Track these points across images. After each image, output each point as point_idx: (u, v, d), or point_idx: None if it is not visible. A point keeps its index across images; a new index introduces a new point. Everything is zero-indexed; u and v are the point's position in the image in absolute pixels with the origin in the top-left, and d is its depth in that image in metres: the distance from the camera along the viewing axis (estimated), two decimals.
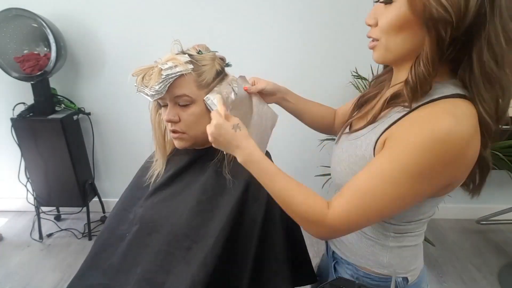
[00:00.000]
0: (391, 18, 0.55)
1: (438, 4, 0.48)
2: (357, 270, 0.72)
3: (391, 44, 0.58)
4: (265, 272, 0.81)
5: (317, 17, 1.89)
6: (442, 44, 0.51)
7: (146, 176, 0.92)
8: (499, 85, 0.53)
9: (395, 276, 0.71)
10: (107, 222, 0.92)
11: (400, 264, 0.69)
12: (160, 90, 0.74)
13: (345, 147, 0.68)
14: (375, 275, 0.70)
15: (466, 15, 0.48)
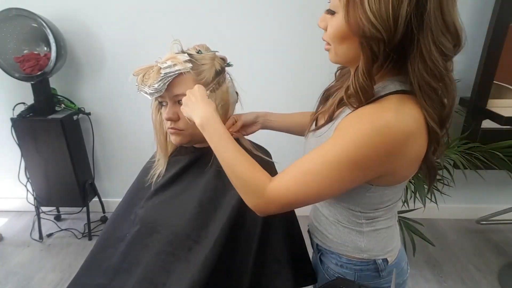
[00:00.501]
0: (334, 29, 0.59)
1: (370, 24, 0.51)
2: (340, 257, 0.77)
3: (338, 51, 0.61)
4: (266, 273, 0.81)
5: (316, 17, 1.89)
6: (376, 59, 0.55)
7: (147, 177, 0.92)
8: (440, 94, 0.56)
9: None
10: (108, 222, 0.92)
11: (377, 247, 0.74)
12: (159, 88, 0.74)
13: (313, 145, 0.70)
14: (356, 260, 0.75)
15: (396, 32, 0.52)
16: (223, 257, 0.76)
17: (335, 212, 0.75)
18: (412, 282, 1.81)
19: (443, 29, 0.52)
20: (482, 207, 2.22)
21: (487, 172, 1.89)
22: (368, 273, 0.75)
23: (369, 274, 0.75)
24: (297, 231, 0.92)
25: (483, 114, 1.88)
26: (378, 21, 0.51)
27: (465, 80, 1.91)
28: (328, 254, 0.80)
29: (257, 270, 0.79)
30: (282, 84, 2.03)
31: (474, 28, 1.83)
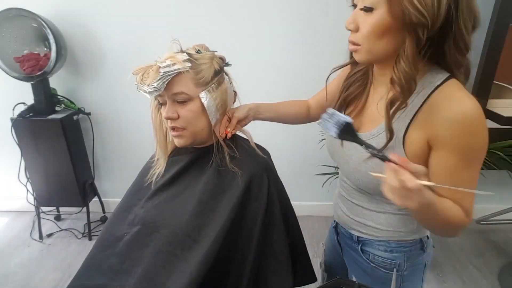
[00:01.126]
0: (373, 25, 0.62)
1: (416, 11, 0.56)
2: (389, 243, 0.81)
3: (374, 48, 0.64)
4: (265, 271, 0.81)
5: (316, 17, 1.89)
6: (419, 44, 0.59)
7: (147, 177, 0.93)
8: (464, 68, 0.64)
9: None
10: (108, 222, 0.92)
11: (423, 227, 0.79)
12: (158, 87, 0.75)
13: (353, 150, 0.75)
14: (406, 242, 0.80)
15: (439, 18, 0.57)
16: (223, 256, 0.76)
17: (385, 204, 0.78)
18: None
19: (470, 14, 0.59)
20: (482, 207, 2.22)
21: (487, 172, 1.89)
22: (415, 252, 0.81)
23: (415, 252, 0.81)
24: (297, 230, 0.92)
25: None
26: (424, 7, 0.56)
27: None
28: (374, 243, 0.83)
29: (256, 269, 0.80)
30: (281, 84, 2.03)
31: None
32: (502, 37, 1.72)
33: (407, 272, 0.81)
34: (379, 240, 0.82)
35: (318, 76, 2.11)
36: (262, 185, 0.83)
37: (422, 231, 0.80)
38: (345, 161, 0.79)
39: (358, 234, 0.86)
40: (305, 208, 2.34)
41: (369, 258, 0.85)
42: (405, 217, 0.78)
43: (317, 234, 2.18)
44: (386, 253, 0.82)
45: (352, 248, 0.90)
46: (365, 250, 0.86)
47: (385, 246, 0.82)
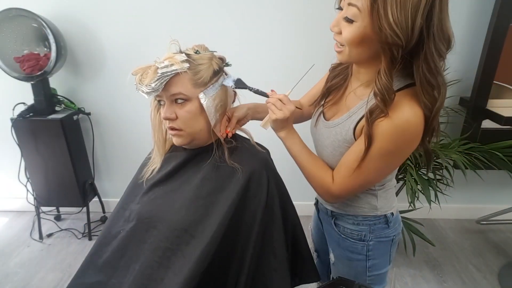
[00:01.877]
0: (352, 35, 0.68)
1: (392, 31, 0.61)
2: (357, 217, 0.92)
3: (353, 53, 0.72)
4: (264, 269, 0.81)
5: (316, 17, 1.89)
6: (395, 61, 0.66)
7: (142, 173, 0.93)
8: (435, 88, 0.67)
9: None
10: (107, 221, 0.92)
11: (386, 204, 0.91)
12: (156, 87, 0.75)
13: (326, 134, 0.86)
14: (371, 216, 0.91)
15: (412, 39, 0.63)
16: (221, 252, 0.76)
17: None
18: (412, 282, 1.82)
19: (441, 37, 0.64)
20: (482, 207, 2.22)
21: (487, 172, 1.89)
22: (379, 225, 0.92)
23: (380, 226, 0.92)
24: (299, 228, 0.92)
25: (483, 114, 1.88)
26: (399, 29, 0.61)
27: (465, 80, 1.91)
28: (344, 216, 0.95)
29: (255, 266, 0.80)
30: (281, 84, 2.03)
31: (474, 28, 1.83)
32: (502, 37, 1.72)
33: (372, 242, 0.92)
34: (348, 215, 0.93)
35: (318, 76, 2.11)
36: (261, 182, 0.83)
37: (385, 208, 0.91)
38: (316, 143, 0.93)
39: (331, 209, 0.97)
40: (305, 208, 2.34)
41: (340, 230, 0.96)
42: (368, 195, 0.89)
43: None
44: (354, 226, 0.93)
45: (327, 222, 1.00)
46: (337, 223, 0.97)
47: (353, 219, 0.93)
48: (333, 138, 0.83)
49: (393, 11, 0.60)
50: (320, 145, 0.90)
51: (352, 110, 0.80)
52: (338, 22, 0.72)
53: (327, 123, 0.86)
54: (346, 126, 0.79)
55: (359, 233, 0.92)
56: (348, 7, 0.67)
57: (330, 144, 0.84)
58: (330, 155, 0.85)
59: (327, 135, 0.85)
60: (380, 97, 0.68)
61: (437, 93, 0.67)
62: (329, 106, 0.90)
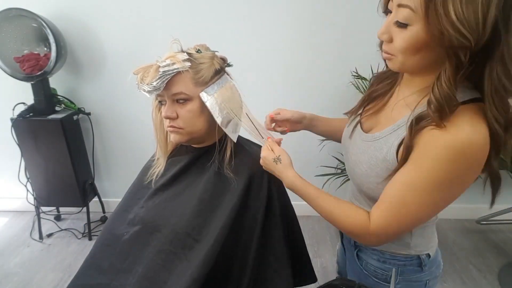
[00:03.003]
0: (407, 41, 0.57)
1: (457, 33, 0.50)
2: (383, 254, 0.78)
3: (408, 62, 0.60)
4: (266, 271, 0.81)
5: (317, 17, 1.89)
6: (462, 66, 0.53)
7: (147, 176, 0.93)
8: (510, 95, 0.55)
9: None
10: (108, 222, 0.92)
11: (422, 243, 0.76)
12: (157, 86, 0.75)
13: (362, 148, 0.72)
14: (401, 255, 0.76)
15: (484, 37, 0.50)
16: (223, 255, 0.76)
17: None
18: None
19: None
20: (482, 207, 2.22)
21: None
22: (411, 267, 0.77)
23: (411, 268, 0.77)
24: (297, 230, 0.92)
25: None
26: (466, 29, 0.49)
27: None
28: (369, 250, 0.81)
29: (257, 268, 0.80)
30: (284, 84, 2.03)
31: None
32: None
33: (400, 286, 0.78)
34: (373, 249, 0.80)
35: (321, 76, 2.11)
36: (262, 184, 0.83)
37: (421, 248, 0.76)
38: (347, 158, 0.79)
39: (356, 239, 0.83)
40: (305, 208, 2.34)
41: (362, 265, 0.83)
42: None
43: (317, 234, 2.19)
44: (379, 263, 0.79)
45: (350, 252, 0.88)
46: (360, 256, 0.84)
47: (379, 256, 0.79)
48: (371, 154, 0.68)
49: (456, 7, 0.49)
50: (353, 161, 0.75)
51: (399, 122, 0.65)
52: (388, 29, 0.59)
53: (365, 136, 0.73)
54: (389, 142, 0.65)
55: (384, 273, 0.78)
56: (398, 9, 0.56)
57: (366, 161, 0.70)
58: (363, 174, 0.71)
59: (364, 150, 0.71)
60: (435, 107, 0.55)
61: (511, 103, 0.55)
62: (367, 116, 0.77)
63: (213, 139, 0.86)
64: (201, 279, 0.72)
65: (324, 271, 1.90)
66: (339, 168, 1.93)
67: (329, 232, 2.21)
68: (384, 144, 0.66)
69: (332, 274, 1.84)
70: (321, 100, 2.04)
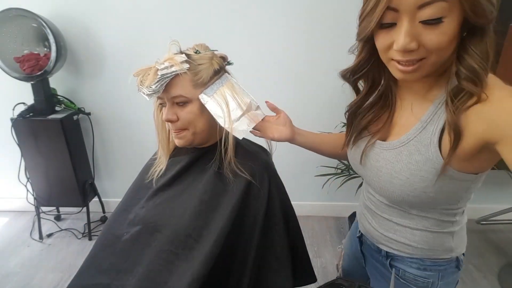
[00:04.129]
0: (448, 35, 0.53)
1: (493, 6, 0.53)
2: (423, 261, 0.75)
3: (440, 59, 0.56)
4: (266, 271, 0.81)
5: (317, 18, 1.89)
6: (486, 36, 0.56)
7: (148, 175, 0.93)
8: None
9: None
10: (108, 222, 0.92)
11: (461, 244, 0.76)
12: (156, 89, 0.75)
13: (394, 158, 0.66)
14: (442, 260, 0.75)
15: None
16: (224, 256, 0.76)
17: (422, 220, 0.72)
18: None
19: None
20: (482, 207, 2.22)
21: None
22: (450, 270, 0.76)
23: (451, 271, 0.76)
24: (297, 230, 0.92)
25: None
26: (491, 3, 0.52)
27: None
28: (406, 259, 0.77)
29: (257, 268, 0.80)
30: (284, 85, 2.03)
31: None
32: (502, 37, 1.72)
33: None
34: (412, 258, 0.76)
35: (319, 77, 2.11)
36: (262, 184, 0.83)
37: (460, 249, 0.74)
38: (374, 174, 0.71)
39: (388, 250, 0.79)
40: (305, 208, 2.34)
41: (398, 274, 0.78)
42: (444, 235, 0.72)
43: (317, 234, 2.19)
44: (419, 271, 0.76)
45: (379, 262, 0.83)
46: (394, 265, 0.79)
47: (419, 264, 0.75)
48: (408, 159, 0.63)
49: None
50: (384, 176, 0.68)
51: (424, 117, 0.62)
52: (415, 34, 0.53)
53: (388, 144, 0.68)
54: (425, 140, 0.61)
55: (425, 280, 0.75)
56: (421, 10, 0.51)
57: (405, 168, 0.64)
58: (405, 184, 0.64)
59: (396, 158, 0.66)
60: (467, 79, 0.55)
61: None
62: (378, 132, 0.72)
63: (215, 139, 0.87)
64: (201, 279, 0.72)
65: (324, 271, 1.90)
66: (339, 168, 1.93)
67: (329, 232, 2.21)
68: (419, 144, 0.62)
69: (332, 274, 1.84)
70: (319, 101, 2.04)
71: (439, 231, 0.72)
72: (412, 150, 0.63)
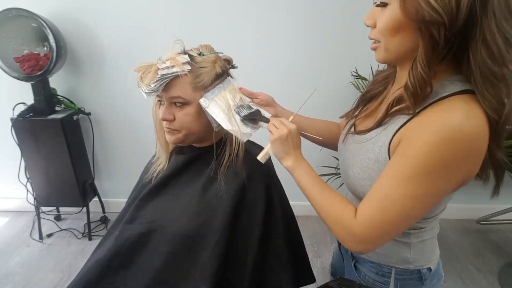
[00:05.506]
0: (386, 21, 0.57)
1: (430, 7, 0.49)
2: (382, 267, 0.75)
3: (390, 45, 0.59)
4: (267, 272, 0.81)
5: (317, 17, 1.89)
6: (437, 46, 0.52)
7: (148, 174, 0.93)
8: (502, 83, 0.52)
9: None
10: (113, 224, 0.93)
11: (423, 258, 0.73)
12: (155, 88, 0.74)
13: (355, 151, 0.69)
14: (400, 270, 0.73)
15: (458, 16, 0.49)
16: (224, 256, 0.76)
17: None
18: None
19: (507, 14, 0.49)
20: (482, 207, 2.22)
21: None
22: (410, 281, 0.74)
23: (411, 282, 0.74)
24: (296, 232, 0.92)
25: None
26: (439, 3, 0.49)
27: None
28: (367, 263, 0.77)
29: (258, 270, 0.79)
30: (285, 85, 2.03)
31: None
32: None
33: None
34: (372, 262, 0.76)
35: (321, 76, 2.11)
36: (260, 184, 0.83)
37: (420, 262, 0.72)
38: (341, 162, 0.75)
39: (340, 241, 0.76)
40: (305, 208, 2.34)
41: (360, 276, 0.79)
42: (399, 244, 0.71)
43: (317, 234, 2.19)
44: (378, 276, 0.76)
45: (348, 262, 0.85)
46: (358, 267, 0.81)
47: (377, 269, 0.76)
48: (363, 156, 0.66)
49: None
50: (345, 164, 0.73)
51: (388, 120, 0.64)
52: (372, 14, 0.60)
53: (357, 138, 0.70)
54: (380, 141, 0.62)
55: (383, 286, 0.75)
56: None
57: (357, 163, 0.67)
58: (356, 177, 0.67)
59: (356, 152, 0.69)
60: (410, 91, 0.55)
61: (505, 89, 0.52)
62: (362, 118, 0.74)
63: (211, 140, 0.86)
64: (207, 282, 0.72)
65: (324, 271, 1.90)
66: (339, 168, 1.93)
67: (329, 232, 2.20)
68: (375, 144, 0.64)
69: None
70: (321, 100, 2.03)
71: (397, 240, 0.71)
72: (369, 148, 0.65)
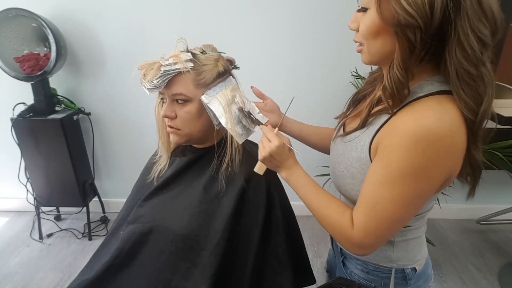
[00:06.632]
0: (367, 25, 0.59)
1: (404, 12, 0.51)
2: (367, 265, 0.76)
3: (372, 48, 0.60)
4: (267, 273, 0.81)
5: (317, 18, 1.89)
6: (414, 48, 0.54)
7: (149, 174, 0.93)
8: (478, 83, 0.54)
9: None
10: (113, 223, 0.93)
11: (406, 257, 0.73)
12: (158, 84, 0.75)
13: (341, 150, 0.71)
14: (384, 268, 0.74)
15: (433, 18, 0.51)
16: (224, 257, 0.76)
17: None
18: None
19: (480, 14, 0.51)
20: (482, 207, 2.22)
21: (487, 172, 1.88)
22: (395, 281, 0.74)
23: (396, 281, 0.74)
24: (297, 232, 0.92)
25: None
26: (413, 8, 0.50)
27: None
28: (353, 259, 0.79)
29: (258, 270, 0.80)
30: (284, 84, 2.03)
31: None
32: (502, 37, 1.72)
33: None
34: (357, 258, 0.78)
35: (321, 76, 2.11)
36: (260, 185, 0.83)
37: (404, 262, 0.73)
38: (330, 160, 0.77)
39: (341, 246, 0.81)
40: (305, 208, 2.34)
41: (347, 273, 0.81)
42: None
43: (317, 234, 2.18)
44: (363, 273, 0.77)
45: (338, 259, 0.86)
46: (345, 264, 0.82)
47: (362, 266, 0.77)
48: (347, 155, 0.68)
49: None
50: (333, 163, 0.75)
51: (371, 120, 0.65)
52: (356, 18, 0.63)
53: (344, 137, 0.71)
54: (362, 141, 0.64)
55: (368, 284, 0.76)
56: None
57: (343, 162, 0.69)
58: (340, 176, 0.70)
59: (342, 151, 0.70)
60: (388, 92, 0.57)
61: (482, 88, 0.54)
62: (351, 118, 0.76)
63: (213, 141, 0.86)
64: (207, 282, 0.72)
65: (324, 271, 1.90)
66: None
67: None
68: (358, 143, 0.65)
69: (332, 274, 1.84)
70: (321, 100, 2.04)
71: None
72: (353, 147, 0.66)
